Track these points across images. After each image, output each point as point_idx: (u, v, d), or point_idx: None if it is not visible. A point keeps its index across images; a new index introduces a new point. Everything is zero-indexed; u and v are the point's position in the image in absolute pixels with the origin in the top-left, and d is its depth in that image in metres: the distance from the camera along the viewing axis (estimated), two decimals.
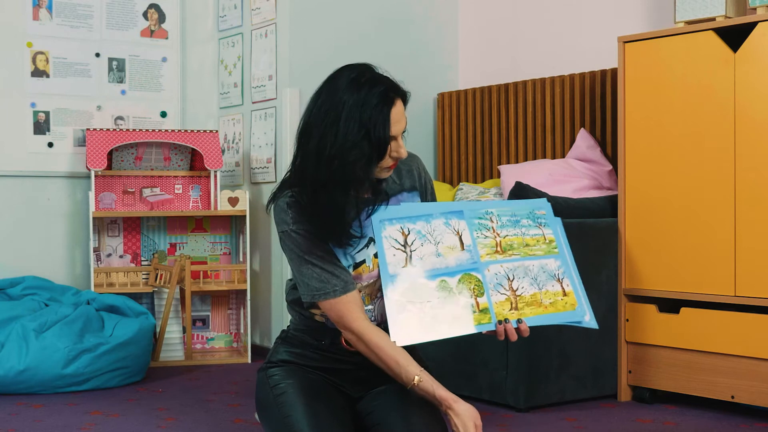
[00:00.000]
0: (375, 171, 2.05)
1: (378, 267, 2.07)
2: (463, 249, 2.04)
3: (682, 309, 3.36)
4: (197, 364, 4.39)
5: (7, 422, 3.20)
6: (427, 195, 2.24)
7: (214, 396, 3.65)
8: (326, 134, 2.00)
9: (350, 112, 1.99)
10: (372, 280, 2.11)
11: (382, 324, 2.10)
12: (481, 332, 1.99)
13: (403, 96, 2.07)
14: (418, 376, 2.00)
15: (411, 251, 2.02)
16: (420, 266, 2.00)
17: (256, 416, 2.27)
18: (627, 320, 3.52)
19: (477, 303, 1.98)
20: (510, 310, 1.99)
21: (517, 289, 2.02)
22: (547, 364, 3.39)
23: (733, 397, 3.23)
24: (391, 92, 2.03)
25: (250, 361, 4.46)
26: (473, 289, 2.00)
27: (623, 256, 3.53)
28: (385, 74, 2.08)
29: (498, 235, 2.08)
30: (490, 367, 3.41)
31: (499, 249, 2.05)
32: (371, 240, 2.09)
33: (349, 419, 2.12)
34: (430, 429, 2.08)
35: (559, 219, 2.21)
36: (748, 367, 3.18)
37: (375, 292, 2.10)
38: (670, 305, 3.43)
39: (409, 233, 2.04)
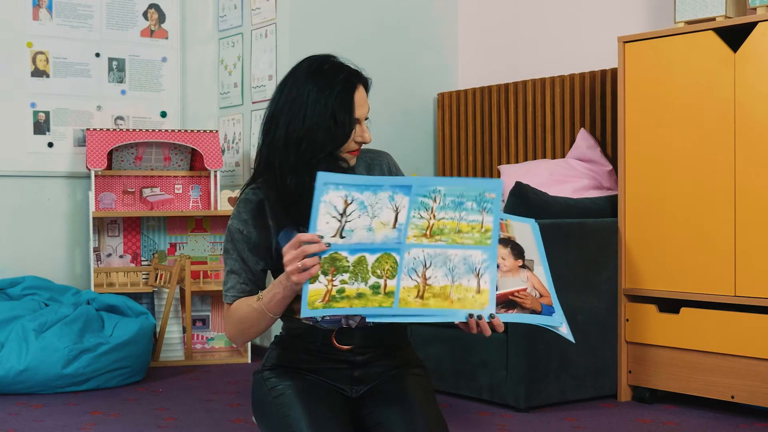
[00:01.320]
0: (341, 153, 2.12)
1: None
2: (394, 227, 2.01)
3: (682, 309, 3.36)
4: (197, 364, 4.39)
5: (7, 422, 3.20)
6: None
7: (214, 396, 3.65)
8: (294, 120, 2.08)
9: (317, 97, 2.07)
10: None
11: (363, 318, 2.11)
12: (452, 322, 1.98)
13: (365, 82, 2.15)
14: (258, 298, 2.07)
15: (345, 221, 2.00)
16: (348, 239, 1.98)
17: (253, 419, 2.27)
18: (627, 320, 3.52)
19: (385, 284, 1.97)
20: (415, 297, 1.98)
21: (430, 278, 2.00)
22: (547, 364, 3.39)
23: (733, 397, 3.23)
24: (353, 78, 2.12)
25: (250, 361, 4.46)
26: (387, 270, 1.98)
27: (623, 256, 3.53)
28: (346, 62, 2.15)
29: (434, 216, 2.04)
30: (490, 367, 3.41)
31: (428, 233, 2.03)
32: None
33: (347, 419, 2.12)
34: (431, 429, 2.08)
35: (532, 220, 2.19)
36: (748, 367, 3.18)
37: None
38: (670, 305, 3.43)
39: (351, 203, 2.01)
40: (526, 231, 2.20)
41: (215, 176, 4.59)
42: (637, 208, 3.51)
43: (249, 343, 4.51)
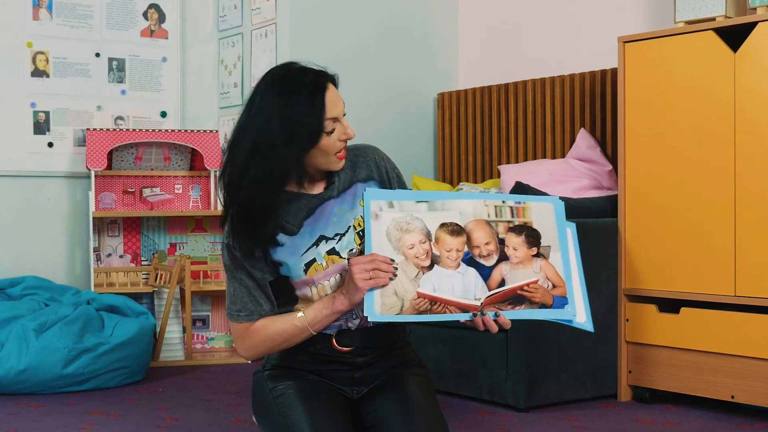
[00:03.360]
0: (320, 160, 2.08)
1: (334, 263, 2.10)
2: None
3: (682, 309, 3.36)
4: (197, 364, 4.39)
5: (7, 422, 3.20)
6: (392, 183, 2.23)
7: (214, 396, 3.65)
8: (260, 133, 2.03)
9: (283, 103, 2.02)
10: (330, 278, 2.10)
11: (364, 319, 2.10)
12: (458, 321, 2.01)
13: (332, 79, 2.11)
14: (300, 314, 2.08)
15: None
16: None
17: (254, 418, 2.26)
18: (627, 320, 3.52)
19: None
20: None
21: None
22: (547, 364, 3.39)
23: (733, 397, 3.23)
24: (321, 78, 2.07)
25: (250, 361, 4.46)
26: None
27: (623, 256, 3.53)
28: (309, 65, 2.11)
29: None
30: (490, 367, 3.41)
31: None
32: (322, 237, 2.10)
33: (348, 419, 2.12)
34: (431, 429, 2.08)
35: (555, 198, 2.14)
36: (748, 367, 3.18)
37: None
38: (670, 305, 3.43)
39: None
40: (546, 212, 2.08)
41: (215, 176, 4.59)
42: (637, 208, 3.51)
43: None
